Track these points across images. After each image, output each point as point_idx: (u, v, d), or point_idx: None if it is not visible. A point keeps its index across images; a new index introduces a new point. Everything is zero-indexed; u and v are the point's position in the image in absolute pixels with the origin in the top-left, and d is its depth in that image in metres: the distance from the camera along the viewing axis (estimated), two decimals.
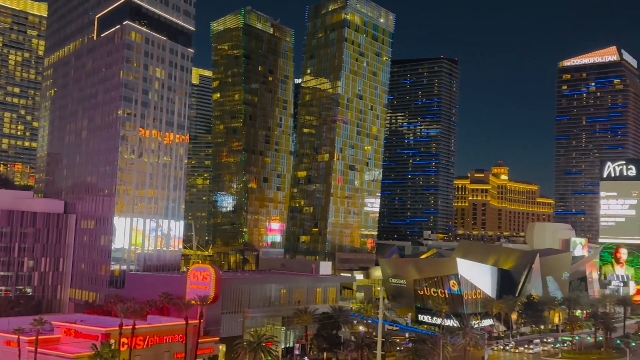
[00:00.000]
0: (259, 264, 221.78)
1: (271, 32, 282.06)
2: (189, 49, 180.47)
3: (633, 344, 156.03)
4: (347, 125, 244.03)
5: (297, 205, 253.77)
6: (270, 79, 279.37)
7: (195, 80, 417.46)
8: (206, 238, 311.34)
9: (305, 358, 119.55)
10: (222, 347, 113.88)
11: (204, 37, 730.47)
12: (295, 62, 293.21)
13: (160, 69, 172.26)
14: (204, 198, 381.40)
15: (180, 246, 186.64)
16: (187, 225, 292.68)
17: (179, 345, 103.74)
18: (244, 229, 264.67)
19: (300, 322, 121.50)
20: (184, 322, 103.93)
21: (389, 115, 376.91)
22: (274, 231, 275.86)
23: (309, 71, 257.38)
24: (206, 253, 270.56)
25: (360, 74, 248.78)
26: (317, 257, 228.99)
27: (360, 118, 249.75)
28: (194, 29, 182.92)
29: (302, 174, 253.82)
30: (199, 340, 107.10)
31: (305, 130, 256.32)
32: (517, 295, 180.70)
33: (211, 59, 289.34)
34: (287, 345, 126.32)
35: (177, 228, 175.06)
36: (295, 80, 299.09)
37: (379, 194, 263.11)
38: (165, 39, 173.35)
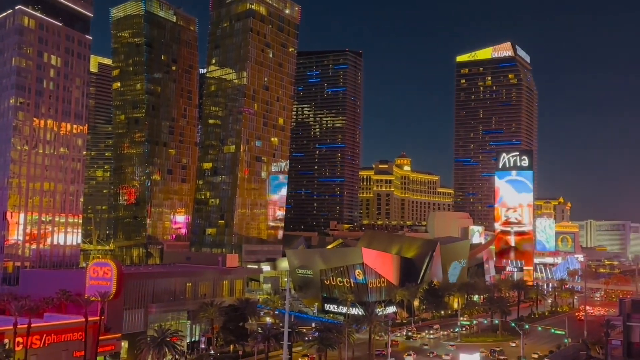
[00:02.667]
0: (164, 257, 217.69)
1: (174, 21, 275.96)
2: (86, 36, 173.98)
3: (526, 326, 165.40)
4: (254, 117, 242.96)
5: (203, 197, 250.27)
6: (173, 68, 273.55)
7: (94, 68, 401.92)
8: (107, 232, 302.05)
9: (212, 351, 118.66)
10: (125, 344, 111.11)
11: (103, 24, 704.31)
12: (199, 51, 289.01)
13: (55, 56, 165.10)
14: (104, 191, 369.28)
15: (79, 241, 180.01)
16: (87, 219, 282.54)
17: (79, 343, 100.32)
18: (147, 222, 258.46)
19: (206, 315, 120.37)
20: (83, 320, 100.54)
21: (295, 106, 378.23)
22: (178, 224, 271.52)
23: (214, 61, 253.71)
24: (107, 248, 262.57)
25: (266, 65, 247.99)
26: (224, 249, 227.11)
27: (267, 109, 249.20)
28: (92, 14, 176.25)
29: (207, 165, 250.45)
30: (100, 338, 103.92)
31: (211, 121, 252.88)
32: (419, 282, 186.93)
33: (111, 46, 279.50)
34: (193, 339, 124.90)
35: (75, 222, 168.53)
36: (200, 70, 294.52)
37: (286, 186, 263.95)
38: (61, 24, 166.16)
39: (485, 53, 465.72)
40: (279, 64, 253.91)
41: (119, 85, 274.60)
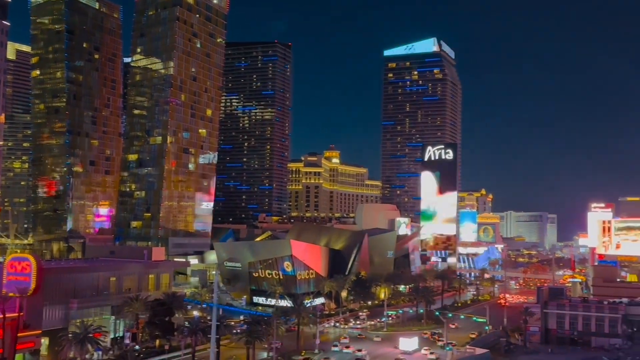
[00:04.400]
0: (86, 251, 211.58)
1: (97, 7, 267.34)
2: (4, 22, 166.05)
3: (450, 315, 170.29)
4: (181, 107, 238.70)
5: (128, 189, 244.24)
6: (96, 56, 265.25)
7: (11, 55, 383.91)
8: (25, 226, 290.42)
9: (136, 347, 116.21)
10: (45, 341, 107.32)
11: (22, 9, 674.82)
12: (124, 40, 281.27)
13: None
14: (22, 183, 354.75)
15: None
16: (4, 213, 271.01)
17: None
18: (68, 215, 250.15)
19: (130, 310, 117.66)
20: (1, 316, 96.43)
21: (223, 98, 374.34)
22: (102, 217, 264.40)
23: (139, 50, 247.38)
24: (26, 242, 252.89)
25: (193, 55, 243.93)
26: (150, 242, 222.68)
27: (195, 100, 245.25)
28: None
29: (133, 157, 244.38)
30: (19, 334, 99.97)
31: (136, 111, 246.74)
32: (347, 273, 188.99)
33: (30, 33, 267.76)
34: (117, 335, 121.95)
35: None
36: (125, 59, 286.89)
37: (214, 178, 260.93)
38: None
39: (411, 48, 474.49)
40: (207, 54, 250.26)
41: (38, 73, 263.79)
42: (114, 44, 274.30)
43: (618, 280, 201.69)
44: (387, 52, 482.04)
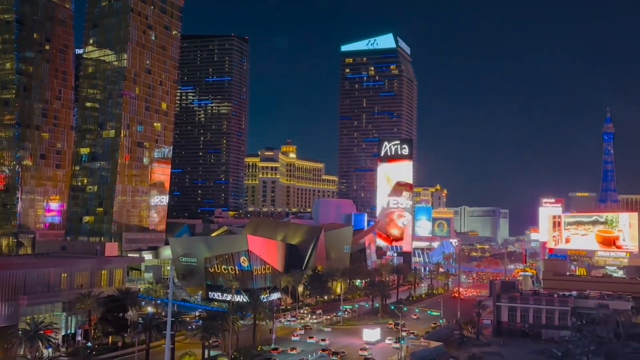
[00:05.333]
0: (36, 247, 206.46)
1: None
2: None
3: (405, 309, 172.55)
4: (135, 101, 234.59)
5: (80, 183, 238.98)
6: (47, 47, 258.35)
7: None
8: None
9: (89, 343, 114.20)
10: None
11: None
12: (76, 31, 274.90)
13: None
14: None
15: None
16: None
17: None
18: (18, 210, 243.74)
19: (82, 307, 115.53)
20: None
21: (179, 91, 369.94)
22: (53, 212, 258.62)
23: (91, 41, 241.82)
24: None
25: (148, 48, 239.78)
26: (103, 238, 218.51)
27: (149, 93, 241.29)
28: None
29: (85, 150, 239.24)
30: None
31: (88, 104, 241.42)
32: (303, 268, 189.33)
33: None
34: (69, 332, 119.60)
35: None
36: (77, 50, 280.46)
37: (169, 172, 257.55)
38: None
39: (368, 44, 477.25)
40: (162, 46, 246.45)
41: None
42: (66, 35, 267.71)
43: (568, 273, 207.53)
44: (345, 48, 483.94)
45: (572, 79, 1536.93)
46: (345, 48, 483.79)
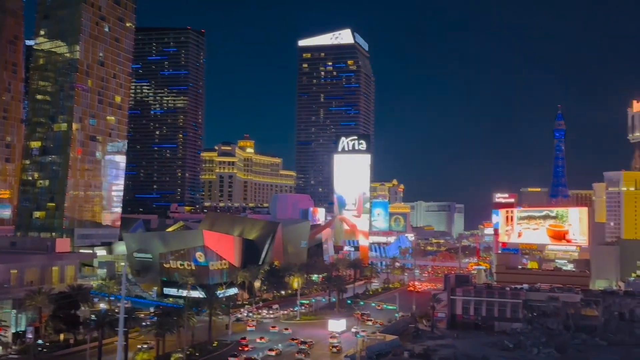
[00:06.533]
0: None
1: None
2: None
3: (362, 303, 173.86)
4: (87, 93, 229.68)
5: (30, 178, 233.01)
6: None
7: None
8: None
9: (39, 341, 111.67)
10: None
11: None
12: (26, 21, 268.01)
13: None
14: None
15: None
16: None
17: None
18: None
19: (33, 304, 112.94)
20: None
21: (133, 84, 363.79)
22: (2, 207, 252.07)
23: (42, 33, 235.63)
24: None
25: (101, 39, 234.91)
26: (54, 233, 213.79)
27: (102, 86, 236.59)
28: None
29: (35, 144, 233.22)
30: None
31: (39, 96, 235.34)
32: (260, 263, 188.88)
33: None
34: (19, 329, 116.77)
35: None
36: (27, 41, 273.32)
37: (124, 166, 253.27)
38: None
39: (326, 39, 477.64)
40: (116, 39, 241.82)
41: None
42: (16, 25, 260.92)
43: (520, 267, 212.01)
44: (302, 42, 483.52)
45: (524, 77, 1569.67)
46: (302, 43, 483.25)
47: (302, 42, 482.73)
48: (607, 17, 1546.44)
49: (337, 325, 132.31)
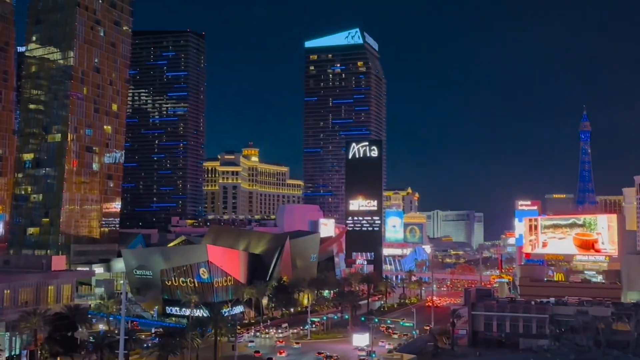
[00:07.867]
0: None
1: None
2: None
3: (376, 320, 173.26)
4: (83, 102, 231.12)
5: (23, 192, 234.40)
6: None
7: None
8: None
9: None
10: None
11: None
12: (17, 27, 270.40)
13: None
14: None
15: None
16: None
17: None
18: None
19: (28, 326, 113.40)
20: None
21: (131, 91, 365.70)
22: None
23: (34, 38, 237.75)
24: None
25: (96, 45, 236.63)
26: (49, 250, 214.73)
27: (98, 94, 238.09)
28: None
29: (28, 156, 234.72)
30: None
31: (32, 106, 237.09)
32: (268, 279, 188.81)
33: None
34: (13, 353, 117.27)
35: None
36: (19, 48, 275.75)
37: (122, 178, 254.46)
38: None
39: (334, 39, 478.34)
40: (112, 43, 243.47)
41: None
42: (7, 31, 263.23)
43: (545, 279, 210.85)
44: (309, 44, 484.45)
45: (547, 79, 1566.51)
46: (309, 44, 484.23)
47: (309, 43, 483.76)
48: (632, 16, 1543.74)
49: (361, 339, 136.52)
